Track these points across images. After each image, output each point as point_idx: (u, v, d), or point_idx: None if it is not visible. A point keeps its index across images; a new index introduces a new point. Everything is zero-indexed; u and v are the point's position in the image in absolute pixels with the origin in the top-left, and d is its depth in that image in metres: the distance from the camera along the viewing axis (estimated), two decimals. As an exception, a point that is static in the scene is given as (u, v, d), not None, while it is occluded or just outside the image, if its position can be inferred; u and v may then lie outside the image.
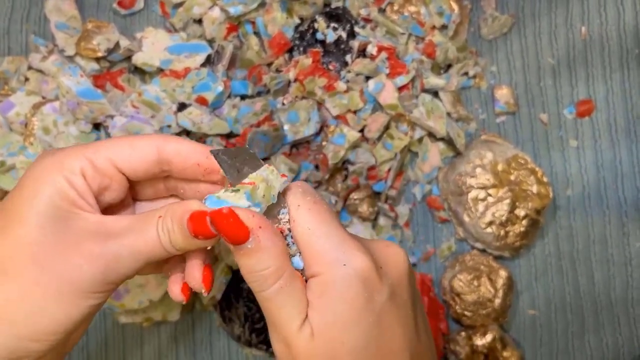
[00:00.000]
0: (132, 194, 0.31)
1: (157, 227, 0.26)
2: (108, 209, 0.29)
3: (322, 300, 0.26)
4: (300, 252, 0.27)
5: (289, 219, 0.27)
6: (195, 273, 0.28)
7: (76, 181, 0.26)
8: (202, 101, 0.46)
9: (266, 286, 0.26)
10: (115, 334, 0.50)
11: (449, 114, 0.50)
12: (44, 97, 0.47)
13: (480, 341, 0.47)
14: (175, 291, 0.29)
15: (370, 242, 0.29)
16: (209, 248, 0.28)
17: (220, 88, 0.46)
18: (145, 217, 0.27)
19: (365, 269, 0.26)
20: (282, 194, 0.28)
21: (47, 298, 0.25)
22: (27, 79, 0.48)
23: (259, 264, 0.26)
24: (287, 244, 0.27)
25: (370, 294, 0.26)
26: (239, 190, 0.26)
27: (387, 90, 0.47)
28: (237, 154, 0.28)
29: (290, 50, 0.49)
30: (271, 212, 0.27)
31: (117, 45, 0.48)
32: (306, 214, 0.27)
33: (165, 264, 0.31)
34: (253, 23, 0.49)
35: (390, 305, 0.27)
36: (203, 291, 0.28)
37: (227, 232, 0.25)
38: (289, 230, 0.27)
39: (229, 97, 0.48)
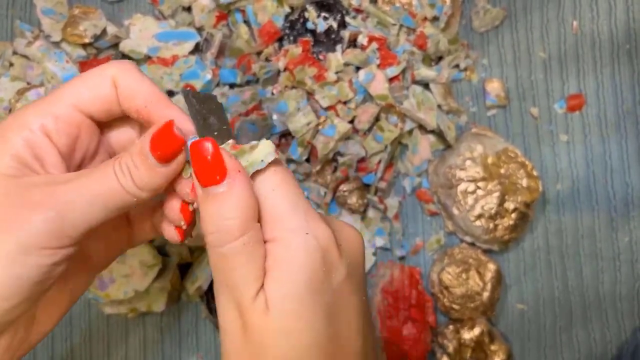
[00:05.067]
0: (108, 150, 0.29)
1: (114, 167, 0.24)
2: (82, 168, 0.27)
3: (279, 268, 0.24)
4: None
5: None
6: (173, 205, 0.27)
7: (36, 140, 0.24)
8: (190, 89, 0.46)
9: (227, 240, 0.23)
10: (99, 325, 0.49)
11: (439, 106, 0.49)
12: (28, 83, 0.46)
13: (468, 335, 0.47)
14: (170, 231, 0.28)
15: (330, 220, 0.27)
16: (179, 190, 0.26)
17: (209, 76, 0.46)
18: (100, 164, 0.25)
19: (328, 242, 0.25)
20: None
21: None
22: (11, 65, 0.47)
23: (226, 212, 0.23)
24: None
25: (329, 269, 0.25)
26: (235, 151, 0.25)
27: (378, 80, 0.47)
28: (205, 101, 0.27)
29: (280, 40, 0.49)
30: None
31: (104, 31, 0.47)
32: (272, 175, 0.25)
33: (135, 222, 0.29)
34: (243, 11, 0.49)
35: (347, 286, 0.25)
36: (182, 224, 0.27)
37: (204, 165, 0.23)
38: None
39: (217, 85, 0.47)
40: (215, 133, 0.26)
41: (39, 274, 0.23)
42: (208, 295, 0.47)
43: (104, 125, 0.28)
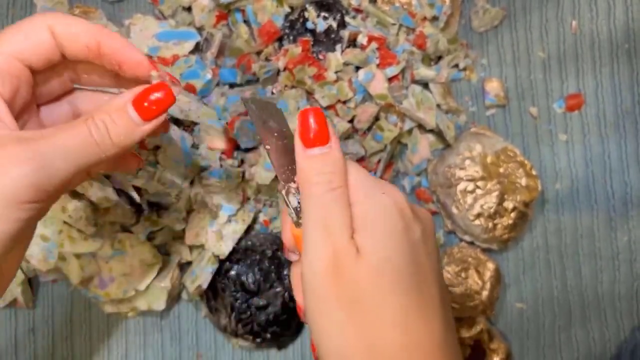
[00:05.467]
0: (34, 99, 0.30)
1: (88, 124, 0.26)
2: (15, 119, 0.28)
3: (363, 224, 0.27)
4: None
5: None
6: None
7: None
8: (190, 89, 0.46)
9: (330, 188, 0.27)
10: (100, 323, 0.50)
11: (438, 106, 0.49)
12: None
13: (468, 333, 0.47)
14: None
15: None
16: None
17: (209, 76, 0.46)
18: (74, 121, 0.27)
19: (402, 202, 0.28)
20: None
21: None
22: None
23: (329, 167, 0.28)
24: None
25: (407, 224, 0.28)
26: None
27: (377, 80, 0.47)
28: (264, 107, 0.30)
29: (280, 39, 0.49)
30: None
31: None
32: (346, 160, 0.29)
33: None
34: (243, 11, 0.49)
35: (422, 247, 0.28)
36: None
37: (311, 129, 0.28)
38: None
39: (217, 85, 0.47)
40: (275, 134, 0.30)
41: (16, 229, 0.25)
42: (208, 295, 0.48)
43: (36, 74, 0.29)
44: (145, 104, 0.27)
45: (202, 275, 0.46)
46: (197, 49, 0.47)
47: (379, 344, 0.26)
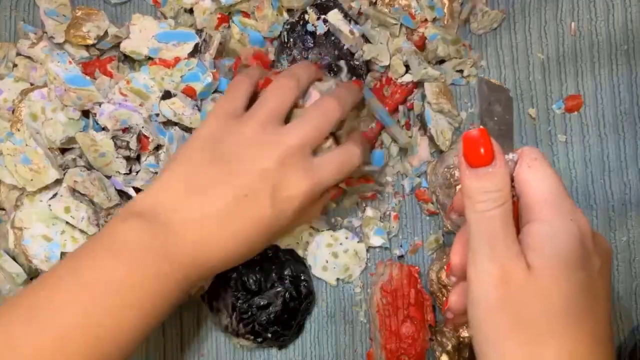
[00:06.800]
0: None
1: None
2: None
3: (542, 243, 0.28)
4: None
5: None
6: None
7: None
8: (190, 91, 0.46)
9: (494, 205, 0.28)
10: (101, 323, 0.50)
11: (429, 103, 0.49)
12: (32, 84, 0.47)
13: (467, 333, 0.47)
14: None
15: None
16: None
17: (209, 79, 0.46)
18: None
19: (587, 232, 0.29)
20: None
21: None
22: (15, 65, 0.48)
23: (494, 186, 0.29)
24: None
25: (586, 254, 0.28)
26: None
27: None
28: (496, 90, 0.33)
29: (272, 64, 0.49)
30: None
31: (106, 33, 0.48)
32: (547, 167, 0.30)
33: None
34: (244, 12, 0.49)
35: (600, 279, 0.29)
36: None
37: (476, 150, 0.29)
38: None
39: (215, 92, 0.47)
40: (495, 118, 0.31)
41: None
42: (209, 295, 0.48)
43: None
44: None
45: (203, 275, 0.47)
46: (195, 50, 0.48)
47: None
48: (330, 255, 0.49)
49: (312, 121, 0.40)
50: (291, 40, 0.48)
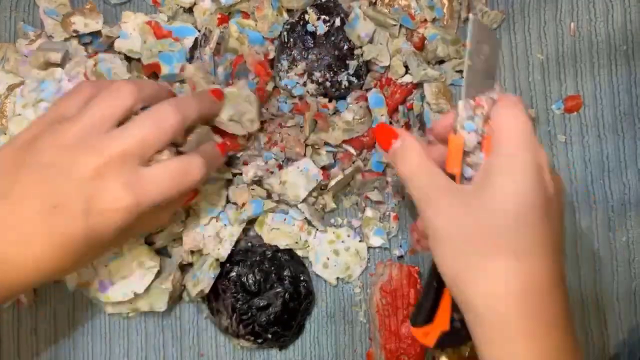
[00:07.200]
0: None
1: None
2: None
3: (500, 166, 0.31)
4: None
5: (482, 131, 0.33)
6: None
7: None
8: (156, 68, 0.46)
9: (417, 161, 0.34)
10: (101, 324, 0.50)
11: (428, 104, 0.49)
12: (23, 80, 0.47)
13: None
14: None
15: None
16: None
17: (177, 71, 0.46)
18: None
19: (544, 162, 0.32)
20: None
21: None
22: (6, 60, 0.48)
23: (406, 150, 0.35)
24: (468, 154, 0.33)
25: (541, 179, 0.31)
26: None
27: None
28: (486, 32, 0.34)
29: (271, 63, 0.49)
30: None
31: (98, 33, 0.48)
32: (519, 109, 0.33)
33: None
34: (243, 13, 0.49)
35: (553, 206, 0.32)
36: None
37: (382, 136, 0.36)
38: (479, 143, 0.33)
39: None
40: (482, 57, 0.34)
41: None
42: (209, 296, 0.48)
43: None
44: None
45: (204, 279, 0.46)
46: (195, 46, 0.47)
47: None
48: (331, 253, 0.49)
49: (139, 129, 0.35)
50: (291, 40, 0.48)
